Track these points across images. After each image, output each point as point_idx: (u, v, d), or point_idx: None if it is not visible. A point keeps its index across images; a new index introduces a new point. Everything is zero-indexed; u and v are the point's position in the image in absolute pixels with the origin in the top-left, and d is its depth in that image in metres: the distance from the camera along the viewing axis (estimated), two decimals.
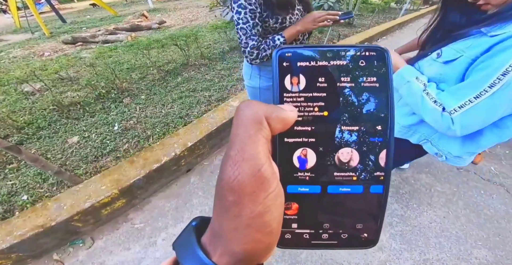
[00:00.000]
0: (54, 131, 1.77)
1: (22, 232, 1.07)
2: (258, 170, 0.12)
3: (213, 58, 2.73)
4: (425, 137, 0.79)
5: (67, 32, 4.77)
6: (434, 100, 0.63)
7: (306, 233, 0.17)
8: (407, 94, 0.70)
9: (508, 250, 1.21)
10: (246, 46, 0.89)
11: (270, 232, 0.13)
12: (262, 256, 0.14)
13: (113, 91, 2.16)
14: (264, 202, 0.13)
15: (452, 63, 0.62)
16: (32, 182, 1.42)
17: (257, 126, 0.13)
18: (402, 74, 0.71)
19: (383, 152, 0.16)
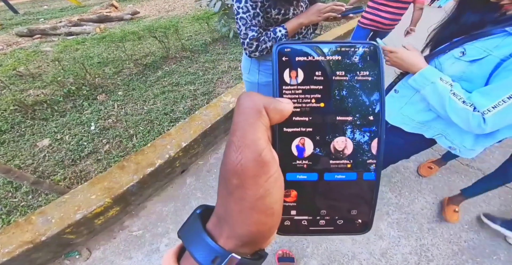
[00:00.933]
0: (19, 135, 1.59)
1: (10, 249, 0.98)
2: (259, 154, 0.13)
3: (195, 50, 2.61)
4: (439, 132, 0.81)
5: (21, 24, 4.26)
6: (463, 100, 0.65)
7: (305, 220, 0.19)
8: (432, 95, 0.70)
9: (491, 232, 1.33)
10: (246, 37, 0.84)
11: (272, 213, 0.14)
12: (265, 238, 0.15)
13: (84, 88, 1.98)
14: (265, 185, 0.14)
15: (478, 62, 0.63)
16: (2, 192, 1.28)
17: (256, 115, 0.14)
18: (425, 75, 0.71)
19: (374, 141, 0.17)
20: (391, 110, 0.89)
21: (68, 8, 5.38)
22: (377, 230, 1.35)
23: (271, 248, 1.27)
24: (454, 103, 0.66)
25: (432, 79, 0.69)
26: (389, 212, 1.42)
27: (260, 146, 0.13)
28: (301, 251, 1.27)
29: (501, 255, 1.26)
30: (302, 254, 1.25)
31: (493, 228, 1.32)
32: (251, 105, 0.14)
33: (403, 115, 0.86)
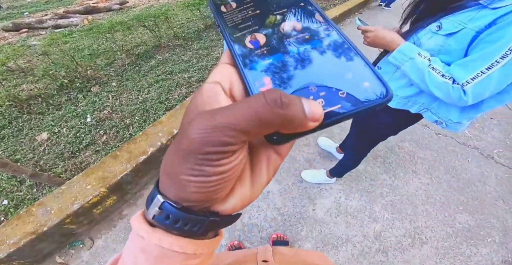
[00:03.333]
0: (17, 129, 1.63)
1: (15, 240, 1.04)
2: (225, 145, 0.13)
3: (188, 38, 2.59)
4: (424, 106, 0.83)
5: (6, 19, 4.19)
6: (442, 74, 0.66)
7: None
8: (411, 71, 0.73)
9: (486, 213, 1.36)
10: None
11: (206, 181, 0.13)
12: (197, 199, 0.14)
13: (77, 80, 1.99)
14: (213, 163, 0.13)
15: (454, 35, 0.65)
16: (8, 186, 1.34)
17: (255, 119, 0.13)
18: (403, 51, 0.73)
19: (317, 14, 0.18)
20: None
21: (53, 1, 5.24)
22: (371, 212, 1.39)
23: (266, 232, 1.32)
24: (434, 77, 0.68)
25: (411, 55, 0.71)
26: (383, 193, 1.46)
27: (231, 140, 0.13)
28: (296, 234, 1.31)
29: (496, 237, 1.29)
30: (296, 238, 1.30)
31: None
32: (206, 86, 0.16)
33: None
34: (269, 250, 0.43)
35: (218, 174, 0.13)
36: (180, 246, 0.15)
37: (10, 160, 1.44)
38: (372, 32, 0.80)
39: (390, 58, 0.77)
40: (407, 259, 1.23)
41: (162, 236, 0.15)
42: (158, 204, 0.15)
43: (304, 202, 1.42)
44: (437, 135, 1.74)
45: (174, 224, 0.15)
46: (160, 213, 0.15)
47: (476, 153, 1.64)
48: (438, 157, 1.63)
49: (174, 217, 0.15)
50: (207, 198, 0.14)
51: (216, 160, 0.13)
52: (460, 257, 1.23)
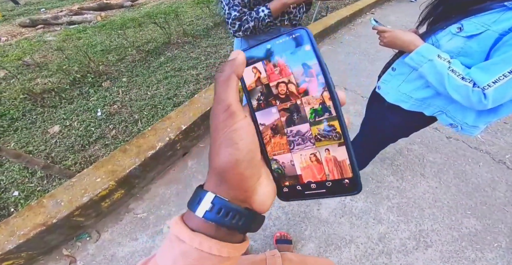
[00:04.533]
0: (31, 122, 1.67)
1: (24, 232, 1.06)
2: (228, 107, 0.18)
3: (197, 35, 2.59)
4: (439, 109, 0.81)
5: (23, 15, 4.30)
6: (462, 77, 0.65)
7: (298, 186, 0.22)
8: (430, 73, 0.71)
9: (494, 219, 1.31)
10: (229, 17, 0.85)
11: (237, 147, 0.17)
12: (238, 174, 0.18)
13: (89, 75, 2.03)
14: (232, 127, 0.18)
15: (476, 37, 0.63)
16: (19, 177, 1.37)
17: (227, 82, 0.19)
18: (422, 53, 0.71)
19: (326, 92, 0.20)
20: (389, 88, 0.89)
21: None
22: (377, 214, 1.35)
23: (270, 230, 1.31)
24: (453, 80, 0.66)
25: (430, 57, 0.69)
26: (390, 196, 1.42)
27: (228, 101, 0.18)
28: (299, 233, 1.30)
29: (502, 243, 1.25)
30: (299, 237, 1.28)
31: None
32: (223, 77, 0.19)
33: (401, 93, 0.85)
34: (278, 257, 0.44)
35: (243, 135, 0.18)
36: (218, 249, 0.17)
37: (23, 151, 1.48)
38: (390, 32, 0.78)
39: (407, 60, 0.75)
40: (410, 261, 1.20)
41: (203, 239, 0.17)
42: (210, 199, 0.18)
43: (309, 202, 1.40)
44: (448, 138, 1.68)
45: (225, 217, 0.17)
46: (212, 208, 0.17)
47: (488, 158, 1.58)
48: (448, 160, 1.58)
49: (226, 210, 0.17)
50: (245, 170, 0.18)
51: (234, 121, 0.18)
52: (465, 261, 1.19)
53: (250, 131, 0.19)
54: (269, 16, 0.86)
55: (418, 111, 0.85)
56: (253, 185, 0.19)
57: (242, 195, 0.18)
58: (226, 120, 0.18)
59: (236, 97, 0.18)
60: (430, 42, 0.73)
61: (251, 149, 0.18)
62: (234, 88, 0.19)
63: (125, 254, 1.21)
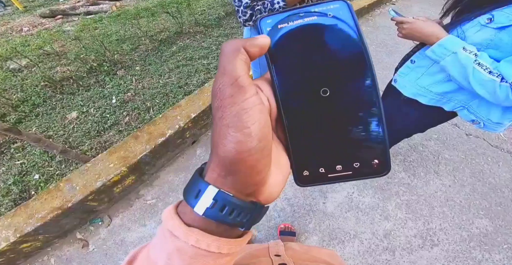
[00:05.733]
0: (51, 108, 1.76)
1: (42, 215, 1.11)
2: (236, 79, 0.15)
3: (208, 25, 2.58)
4: (461, 104, 0.78)
5: (43, 5, 4.44)
6: (489, 71, 0.62)
7: (321, 168, 0.19)
8: (453, 66, 0.67)
9: (508, 220, 1.26)
10: (240, 4, 0.83)
11: (248, 133, 0.14)
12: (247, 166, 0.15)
13: (105, 64, 2.09)
14: (242, 104, 0.15)
15: (508, 29, 0.60)
16: (40, 161, 1.45)
17: (235, 53, 0.16)
18: (445, 45, 0.68)
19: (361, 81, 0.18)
20: (407, 81, 0.85)
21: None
22: (384, 210, 1.33)
23: (274, 221, 1.33)
24: (479, 74, 0.63)
25: (454, 49, 0.66)
26: (399, 192, 1.39)
27: (236, 73, 0.15)
28: (303, 226, 1.30)
29: None
30: (304, 229, 1.30)
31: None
32: (230, 47, 0.16)
33: (419, 86, 0.82)
34: (281, 245, 0.43)
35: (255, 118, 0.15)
36: (217, 247, 0.15)
37: (43, 135, 1.57)
38: (410, 23, 0.74)
39: (428, 52, 0.72)
40: (413, 260, 1.19)
41: (200, 237, 0.15)
42: (212, 195, 0.15)
43: (315, 195, 1.40)
44: (468, 136, 1.60)
45: (228, 215, 0.15)
46: (214, 205, 0.15)
47: (509, 157, 1.50)
48: (466, 158, 1.51)
49: (230, 207, 0.15)
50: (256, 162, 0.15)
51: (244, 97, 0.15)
52: (470, 261, 1.17)
53: (264, 111, 0.16)
54: (283, 8, 0.84)
55: (437, 106, 0.81)
56: (264, 177, 0.16)
57: (250, 189, 0.16)
58: (234, 96, 0.14)
59: (246, 70, 0.16)
60: (455, 34, 0.69)
61: (265, 135, 0.15)
62: (243, 61, 0.16)
63: (133, 239, 1.27)
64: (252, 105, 0.15)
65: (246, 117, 0.14)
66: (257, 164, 0.15)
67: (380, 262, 1.19)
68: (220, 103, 0.15)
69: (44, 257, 1.23)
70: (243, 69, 0.15)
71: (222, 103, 0.15)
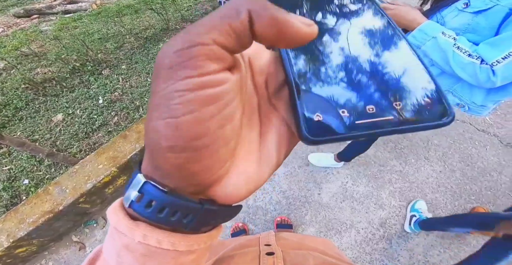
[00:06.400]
0: (34, 111, 1.78)
1: (33, 219, 1.14)
2: (189, 46, 0.10)
3: (195, 20, 2.63)
4: (445, 88, 0.82)
5: (16, 5, 4.36)
6: (469, 53, 0.66)
7: (343, 109, 0.13)
8: (433, 51, 0.71)
9: (499, 204, 1.35)
10: None
11: (174, 126, 0.10)
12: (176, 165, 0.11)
13: (88, 64, 2.11)
14: (178, 84, 0.10)
15: (485, 13, 0.64)
16: (28, 166, 1.48)
17: (230, 12, 0.11)
18: (424, 30, 0.72)
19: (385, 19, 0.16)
20: None
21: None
22: (378, 199, 1.41)
23: (270, 215, 1.38)
24: (459, 57, 0.67)
25: (433, 34, 0.70)
26: (392, 180, 1.48)
27: (198, 39, 0.10)
28: (300, 218, 1.37)
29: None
30: (300, 221, 1.36)
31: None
32: (233, 3, 0.11)
33: None
34: (272, 235, 0.44)
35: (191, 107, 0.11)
36: (171, 243, 0.13)
37: (29, 140, 1.59)
38: (392, 10, 0.77)
39: (409, 38, 0.77)
40: (410, 247, 1.27)
41: (147, 232, 0.13)
42: (137, 186, 0.12)
43: (310, 186, 1.48)
44: (455, 121, 1.71)
45: (158, 214, 0.12)
46: (140, 199, 0.12)
47: (496, 141, 1.61)
48: (454, 144, 1.61)
49: (159, 204, 0.12)
50: (186, 163, 0.11)
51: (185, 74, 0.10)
52: (465, 247, 1.25)
53: (225, 96, 0.11)
54: None
55: None
56: (209, 178, 0.13)
57: (189, 188, 0.13)
58: (173, 69, 0.10)
59: (221, 40, 0.11)
60: (435, 19, 0.75)
61: (206, 131, 0.11)
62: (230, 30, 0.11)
63: None
64: (195, 87, 0.10)
65: (176, 103, 0.10)
66: (189, 165, 0.11)
67: (378, 251, 1.27)
68: (156, 73, 0.11)
69: (41, 261, 1.27)
70: (214, 37, 0.10)
71: (157, 74, 0.11)
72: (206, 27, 0.11)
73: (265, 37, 0.11)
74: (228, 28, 0.11)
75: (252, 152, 0.15)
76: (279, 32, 0.11)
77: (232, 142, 0.13)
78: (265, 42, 0.12)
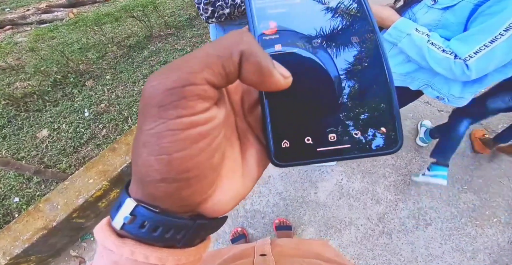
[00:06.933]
0: (18, 128, 1.78)
1: (28, 236, 1.16)
2: (182, 85, 0.11)
3: (179, 26, 2.68)
4: (424, 82, 0.88)
5: None
6: (442, 49, 0.69)
7: (308, 137, 0.16)
8: (409, 47, 0.76)
9: (491, 193, 1.42)
10: (199, 2, 0.86)
11: (167, 162, 0.12)
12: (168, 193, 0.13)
13: (70, 76, 2.13)
14: (170, 123, 0.11)
15: (452, 9, 0.68)
16: (16, 184, 1.49)
17: (223, 52, 0.12)
18: (399, 27, 0.76)
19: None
20: None
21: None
22: (374, 194, 1.47)
23: (269, 217, 1.42)
24: (434, 53, 0.71)
25: (407, 31, 0.74)
26: (386, 174, 1.54)
27: (191, 78, 0.11)
28: (298, 219, 1.41)
29: (501, 217, 1.35)
30: (299, 222, 1.40)
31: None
32: (228, 42, 0.12)
33: None
34: (268, 243, 0.43)
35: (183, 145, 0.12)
36: (159, 258, 0.14)
37: (14, 158, 1.59)
38: None
39: (386, 36, 0.80)
40: (411, 241, 1.32)
41: (135, 248, 0.14)
42: (129, 210, 0.14)
43: (306, 186, 1.54)
44: (440, 112, 1.80)
45: (152, 233, 0.14)
46: (132, 221, 0.14)
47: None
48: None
49: (152, 224, 0.13)
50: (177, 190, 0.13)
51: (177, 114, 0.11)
52: (466, 238, 1.30)
53: (210, 134, 0.13)
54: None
55: (404, 86, 0.93)
56: (198, 199, 0.14)
57: (179, 209, 0.14)
58: (165, 108, 0.11)
59: (212, 79, 0.12)
60: (407, 16, 0.78)
61: (195, 165, 0.12)
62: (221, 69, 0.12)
63: None
64: (186, 126, 0.11)
65: (168, 142, 0.11)
66: (181, 192, 0.13)
67: (379, 246, 1.32)
68: (143, 110, 0.12)
69: None
70: (206, 77, 0.12)
71: (145, 111, 0.12)
72: (199, 65, 0.11)
73: (247, 80, 0.13)
74: (221, 68, 0.12)
75: (236, 170, 0.16)
76: (260, 81, 0.13)
77: (218, 166, 0.14)
78: (245, 83, 0.13)
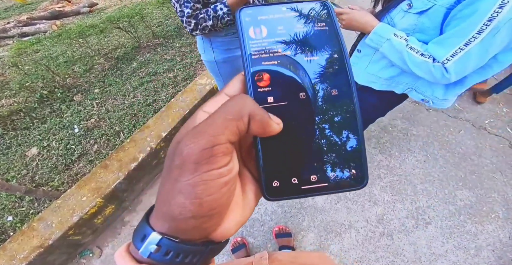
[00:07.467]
0: (6, 147, 1.80)
1: (24, 255, 1.19)
2: (212, 146, 0.15)
3: (168, 36, 2.74)
4: (408, 86, 0.91)
5: None
6: (421, 53, 0.73)
7: (294, 178, 0.20)
8: (390, 52, 0.79)
9: (486, 188, 1.48)
10: (182, 15, 0.90)
11: (199, 204, 0.15)
12: (193, 227, 0.17)
13: (57, 91, 2.16)
14: (204, 176, 0.15)
15: (426, 13, 0.71)
16: (8, 203, 1.51)
17: (236, 116, 0.16)
18: (379, 33, 0.79)
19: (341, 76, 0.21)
20: (358, 70, 0.99)
21: (13, 7, 5.32)
22: (371, 196, 1.52)
23: (268, 225, 1.46)
24: (413, 57, 0.74)
25: (387, 36, 0.78)
26: (381, 175, 1.60)
27: (217, 140, 0.15)
28: (297, 225, 1.44)
29: (499, 213, 1.40)
30: (299, 228, 1.43)
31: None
32: (237, 106, 0.17)
33: (369, 74, 0.96)
34: (265, 258, 0.46)
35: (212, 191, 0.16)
36: None
37: (4, 178, 1.61)
38: (347, 14, 0.85)
39: (367, 41, 0.84)
40: (412, 241, 1.35)
41: None
42: (155, 241, 0.17)
43: None
44: (428, 110, 1.89)
45: (175, 259, 0.17)
46: (158, 250, 0.17)
47: (468, 125, 1.80)
48: (431, 132, 1.78)
49: (175, 252, 0.17)
50: (201, 224, 0.17)
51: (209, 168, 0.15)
52: (467, 235, 1.34)
53: (229, 182, 0.17)
54: (228, 14, 0.91)
55: (389, 90, 0.97)
56: (214, 229, 0.18)
57: (198, 238, 0.18)
58: (200, 164, 0.15)
59: (230, 138, 0.16)
60: (386, 21, 0.81)
61: (220, 204, 0.17)
62: (235, 128, 0.16)
63: None
64: (215, 177, 0.16)
65: (201, 189, 0.15)
66: (204, 225, 0.17)
67: (381, 248, 1.35)
68: (182, 164, 0.15)
69: None
70: (228, 138, 0.16)
71: (183, 166, 0.15)
72: (221, 129, 0.16)
73: (253, 133, 0.17)
74: (236, 129, 0.16)
75: (238, 202, 0.20)
76: (262, 131, 0.18)
77: (231, 203, 0.18)
78: (251, 134, 0.18)
